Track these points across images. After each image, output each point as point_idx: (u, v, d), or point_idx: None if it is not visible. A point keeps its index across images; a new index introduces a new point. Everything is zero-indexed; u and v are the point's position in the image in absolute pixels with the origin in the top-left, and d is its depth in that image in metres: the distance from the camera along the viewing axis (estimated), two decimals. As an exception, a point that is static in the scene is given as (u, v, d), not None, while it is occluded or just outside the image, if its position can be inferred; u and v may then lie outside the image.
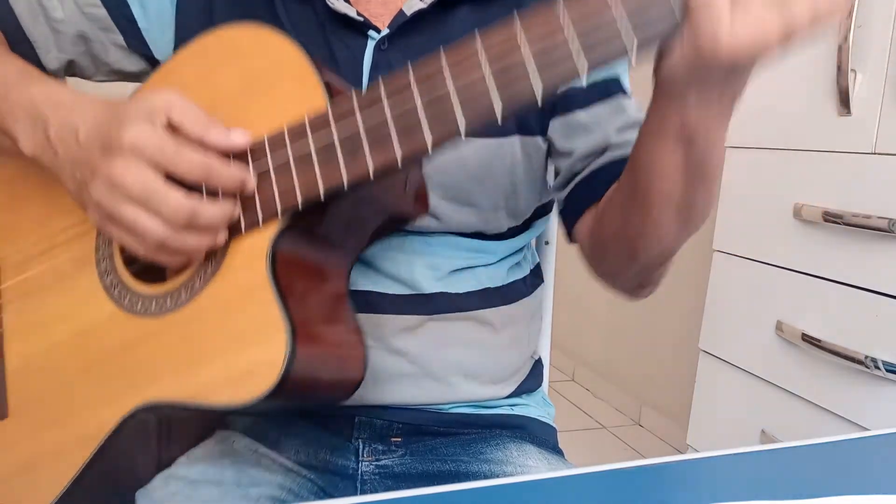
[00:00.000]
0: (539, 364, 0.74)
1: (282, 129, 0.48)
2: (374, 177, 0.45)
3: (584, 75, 0.39)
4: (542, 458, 0.64)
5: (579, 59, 0.39)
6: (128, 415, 0.51)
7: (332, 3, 0.60)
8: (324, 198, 0.47)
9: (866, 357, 1.04)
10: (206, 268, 0.51)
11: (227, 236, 0.49)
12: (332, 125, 0.46)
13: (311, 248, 0.52)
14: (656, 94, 0.45)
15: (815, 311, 1.14)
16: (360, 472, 0.62)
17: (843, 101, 1.07)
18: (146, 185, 0.46)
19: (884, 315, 1.03)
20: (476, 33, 0.42)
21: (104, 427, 0.52)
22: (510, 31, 0.41)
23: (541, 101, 0.41)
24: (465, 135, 0.43)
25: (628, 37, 0.38)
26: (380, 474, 0.62)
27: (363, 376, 0.53)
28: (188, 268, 0.52)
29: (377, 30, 0.61)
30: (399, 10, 0.61)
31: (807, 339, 1.14)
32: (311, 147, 0.47)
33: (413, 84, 0.44)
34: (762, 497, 0.37)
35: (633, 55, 0.39)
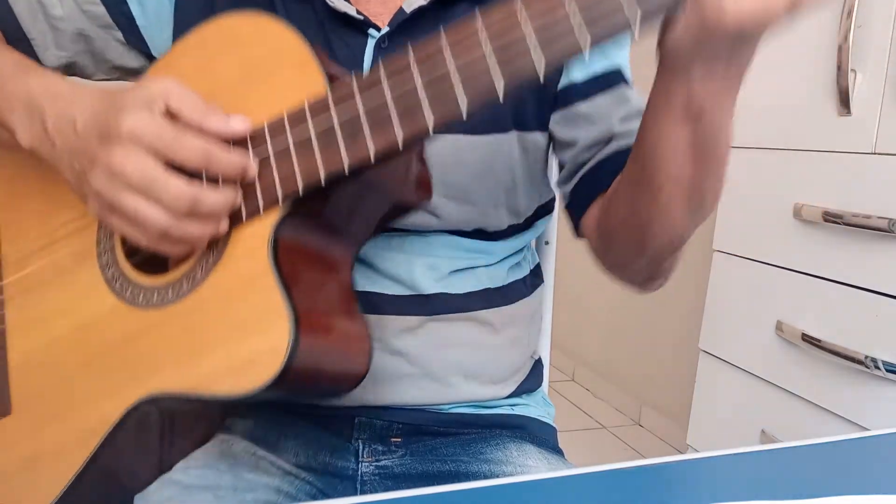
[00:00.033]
0: (539, 364, 0.74)
1: (281, 115, 0.48)
2: (374, 159, 0.45)
3: (586, 50, 0.39)
4: (541, 457, 0.64)
5: (581, 34, 0.38)
6: (130, 408, 0.51)
7: (331, 2, 0.60)
8: (325, 183, 0.46)
9: (866, 357, 1.04)
10: (207, 258, 0.50)
11: (228, 225, 0.49)
12: (331, 109, 0.46)
13: (314, 236, 0.51)
14: (661, 69, 0.44)
15: (815, 311, 1.14)
16: (359, 472, 0.62)
17: (843, 101, 1.07)
18: (146, 173, 0.46)
19: (884, 315, 1.03)
20: (476, 11, 0.41)
21: (107, 421, 0.52)
22: (511, 7, 0.40)
23: (542, 78, 0.40)
24: (466, 114, 0.42)
25: (631, 9, 0.37)
26: (379, 475, 0.62)
27: (368, 369, 0.52)
28: (190, 258, 0.51)
29: (377, 28, 0.61)
30: (399, 8, 0.61)
31: (807, 339, 1.14)
32: (311, 132, 0.46)
33: (413, 64, 0.43)
34: (762, 497, 0.37)
35: (637, 28, 0.38)
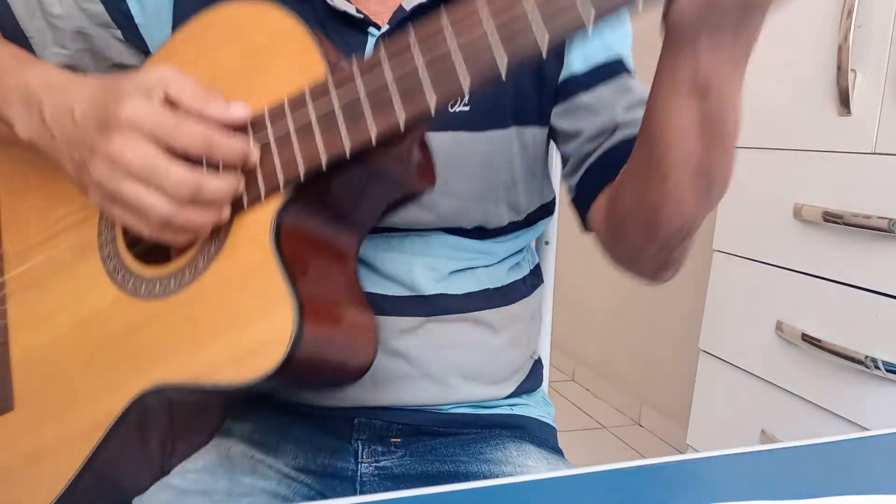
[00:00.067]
0: (539, 364, 0.74)
1: (282, 101, 0.47)
2: (376, 142, 0.44)
3: (590, 25, 0.38)
4: (541, 457, 0.63)
5: (584, 7, 0.38)
6: (133, 400, 0.50)
7: (331, 1, 0.59)
8: (326, 167, 0.46)
9: (866, 357, 1.04)
10: (209, 246, 0.50)
11: (230, 213, 0.48)
12: (332, 92, 0.45)
13: (317, 223, 0.51)
14: (666, 43, 0.44)
15: (815, 311, 1.14)
16: (359, 473, 0.61)
17: (843, 101, 1.07)
18: (146, 160, 0.45)
19: (884, 315, 1.03)
20: None
21: (110, 413, 0.51)
22: None
23: (545, 54, 0.39)
24: (468, 93, 0.41)
25: None
26: (379, 476, 0.62)
27: (373, 360, 0.52)
28: (191, 248, 0.51)
29: (377, 26, 0.61)
30: (398, 6, 0.60)
31: (807, 339, 1.14)
32: (312, 116, 0.46)
33: (414, 44, 0.43)
34: (762, 497, 0.37)
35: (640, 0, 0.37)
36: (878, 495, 0.38)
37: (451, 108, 0.60)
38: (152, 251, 0.54)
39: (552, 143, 0.69)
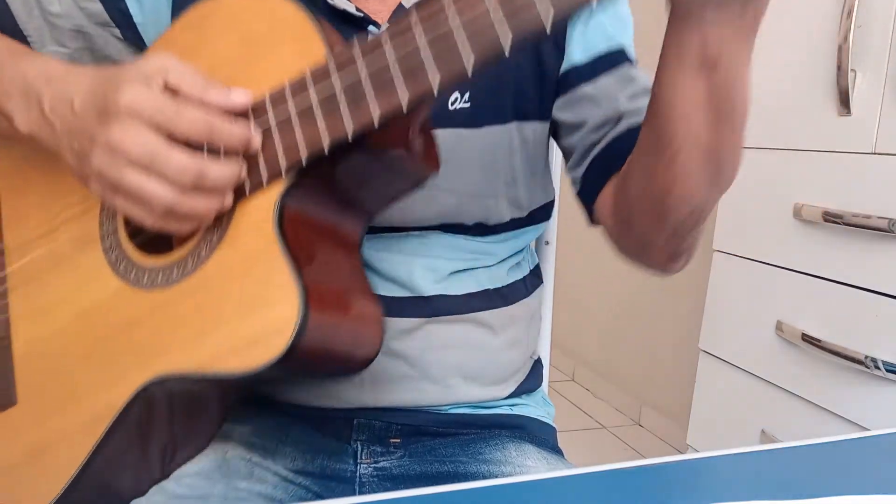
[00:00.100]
0: (539, 364, 0.74)
1: (283, 85, 0.47)
2: (378, 124, 0.44)
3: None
4: (540, 457, 0.63)
5: None
6: (137, 391, 0.49)
7: (331, 0, 0.59)
8: (328, 151, 0.45)
9: (866, 357, 1.04)
10: (211, 235, 0.49)
11: (233, 200, 0.48)
12: (333, 75, 0.45)
13: (320, 208, 0.50)
14: (672, 17, 0.43)
15: (815, 311, 1.14)
16: (358, 474, 0.61)
17: (843, 101, 1.07)
18: (147, 148, 0.44)
19: (884, 315, 1.03)
20: None
21: (114, 405, 0.51)
22: None
23: (550, 29, 0.38)
24: (471, 73, 0.40)
25: None
26: (378, 476, 0.61)
27: (378, 351, 0.51)
28: (193, 237, 0.50)
29: (377, 25, 0.61)
30: (398, 4, 0.60)
31: (807, 339, 1.14)
32: (314, 99, 0.45)
33: (416, 24, 0.42)
34: (762, 497, 0.37)
35: None
36: (878, 495, 0.37)
37: (452, 105, 0.60)
38: (154, 241, 0.54)
39: (553, 143, 0.69)
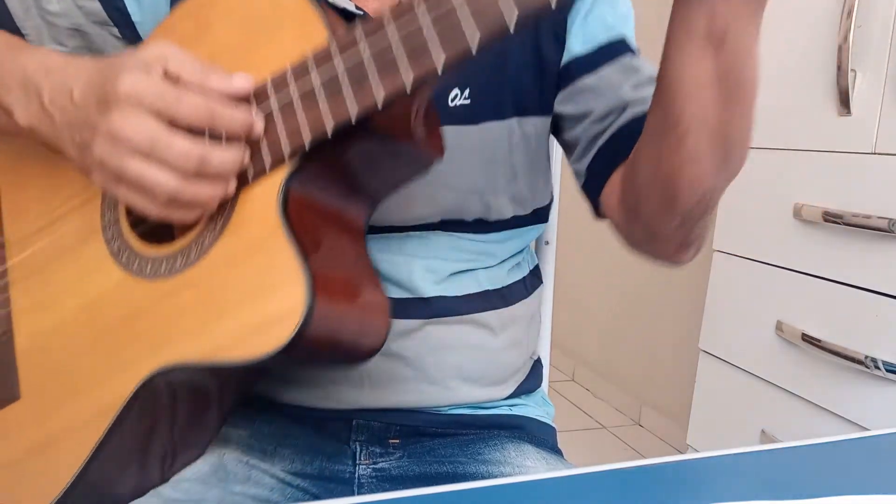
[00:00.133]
0: (538, 364, 0.74)
1: (285, 69, 0.46)
2: (382, 105, 0.43)
3: None
4: (540, 458, 0.63)
5: None
6: (141, 383, 0.49)
7: (330, -1, 0.59)
8: (331, 134, 0.45)
9: (866, 357, 1.04)
10: (214, 223, 0.49)
11: (236, 186, 0.47)
12: (336, 57, 0.44)
13: (324, 194, 0.49)
14: None
15: (815, 311, 1.14)
16: (356, 475, 0.61)
17: (843, 101, 1.07)
18: (148, 134, 0.44)
19: (884, 315, 1.03)
20: None
21: (119, 397, 0.50)
22: None
23: (555, 4, 0.38)
24: (476, 51, 0.40)
25: None
26: (377, 477, 0.61)
27: (384, 341, 0.51)
28: (196, 225, 0.50)
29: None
30: (398, 2, 0.60)
31: (807, 339, 1.14)
32: (316, 82, 0.45)
33: (419, 3, 0.41)
34: (762, 497, 0.37)
35: None
36: (878, 495, 0.37)
37: (452, 102, 0.60)
38: (157, 231, 0.53)
39: (553, 142, 0.69)
